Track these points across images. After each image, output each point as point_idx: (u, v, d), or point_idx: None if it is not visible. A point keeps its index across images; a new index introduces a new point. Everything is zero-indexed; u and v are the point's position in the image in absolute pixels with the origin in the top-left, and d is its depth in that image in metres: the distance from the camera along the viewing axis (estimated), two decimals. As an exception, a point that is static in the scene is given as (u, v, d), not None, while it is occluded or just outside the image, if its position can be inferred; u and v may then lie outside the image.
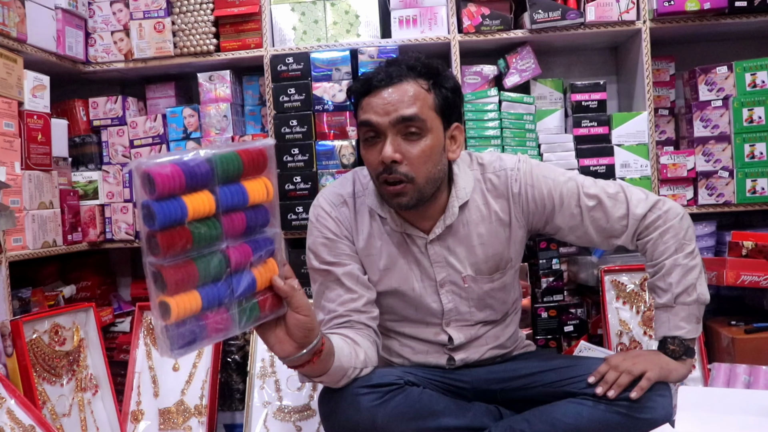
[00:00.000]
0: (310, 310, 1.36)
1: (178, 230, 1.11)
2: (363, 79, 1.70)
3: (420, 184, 1.66)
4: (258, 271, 1.27)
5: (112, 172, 2.73)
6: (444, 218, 1.77)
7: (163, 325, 1.12)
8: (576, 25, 2.59)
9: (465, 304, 1.84)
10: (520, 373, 1.81)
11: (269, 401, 2.37)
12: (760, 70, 2.57)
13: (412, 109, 1.63)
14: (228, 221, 1.20)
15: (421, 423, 1.63)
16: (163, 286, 1.11)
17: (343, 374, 1.59)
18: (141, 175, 1.07)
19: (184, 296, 1.13)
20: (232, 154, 1.19)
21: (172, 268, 1.11)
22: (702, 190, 2.60)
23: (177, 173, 1.09)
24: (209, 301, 1.17)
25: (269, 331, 1.37)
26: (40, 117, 2.32)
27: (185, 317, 1.13)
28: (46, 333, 2.15)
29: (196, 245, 1.14)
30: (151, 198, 1.08)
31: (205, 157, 1.14)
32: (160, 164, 1.09)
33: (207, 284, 1.17)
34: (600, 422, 1.64)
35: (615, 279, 2.48)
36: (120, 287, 3.05)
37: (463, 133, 1.78)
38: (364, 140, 1.70)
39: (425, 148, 1.65)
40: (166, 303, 1.11)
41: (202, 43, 2.65)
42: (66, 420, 2.13)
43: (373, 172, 1.70)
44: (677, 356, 1.74)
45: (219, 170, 1.16)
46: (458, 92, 1.74)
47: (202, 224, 1.15)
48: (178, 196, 1.11)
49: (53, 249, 2.38)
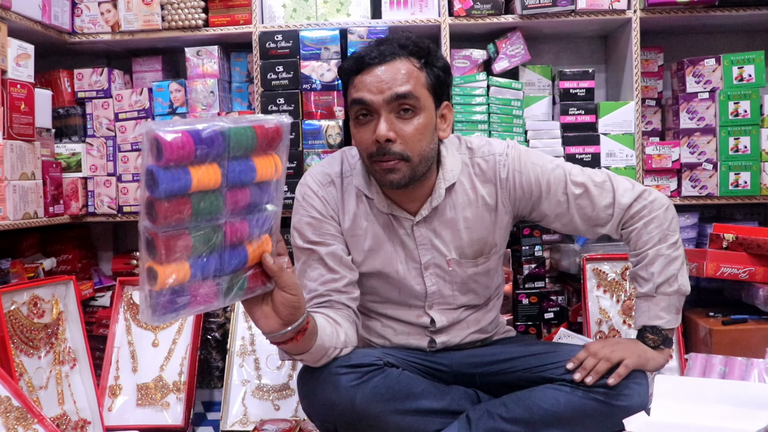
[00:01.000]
0: (297, 289, 1.36)
1: (178, 201, 1.09)
2: (354, 57, 1.69)
3: (414, 162, 1.65)
4: (252, 247, 1.25)
5: (96, 145, 2.70)
6: (431, 200, 1.77)
7: (148, 290, 1.11)
8: (567, 12, 2.59)
9: (448, 287, 1.84)
10: (500, 357, 1.82)
11: (248, 379, 2.37)
12: (747, 63, 2.58)
13: (406, 86, 1.63)
14: (232, 196, 1.17)
15: (399, 404, 1.64)
16: (155, 253, 1.10)
17: (323, 353, 1.59)
18: (150, 140, 1.05)
19: (174, 265, 1.11)
20: (247, 129, 1.17)
21: (167, 238, 1.10)
22: (686, 182, 2.61)
23: (188, 143, 1.07)
24: (198, 273, 1.15)
25: (256, 306, 1.36)
26: (23, 86, 2.29)
27: (172, 286, 1.12)
28: (25, 305, 2.14)
29: (195, 218, 1.12)
30: (157, 164, 1.05)
31: (220, 129, 1.11)
32: (173, 131, 1.06)
33: (199, 256, 1.15)
34: (577, 408, 1.66)
35: (596, 267, 2.50)
36: (101, 261, 3.03)
37: (452, 112, 1.78)
38: (355, 119, 1.69)
39: (419, 126, 1.65)
40: (154, 270, 1.10)
41: (190, 18, 2.62)
42: (43, 392, 2.12)
43: (365, 152, 1.68)
44: (655, 345, 1.76)
45: (232, 144, 1.14)
46: (448, 71, 1.74)
47: (204, 197, 1.13)
48: (185, 166, 1.08)
49: (34, 221, 2.36)
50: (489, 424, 1.67)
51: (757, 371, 1.85)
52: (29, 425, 1.86)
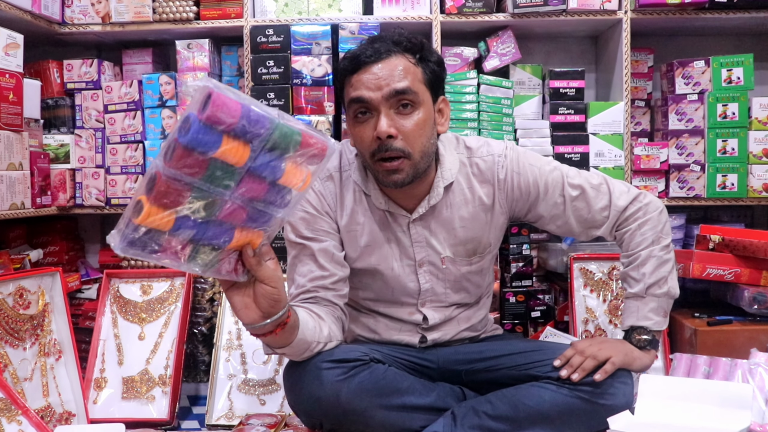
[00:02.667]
0: (278, 283, 1.36)
1: (197, 157, 1.10)
2: (349, 57, 1.69)
3: (416, 159, 1.66)
4: (240, 234, 1.25)
5: (84, 137, 2.69)
6: (429, 198, 1.77)
7: (129, 219, 1.12)
8: (558, 12, 2.59)
9: (441, 285, 1.85)
10: (486, 355, 1.83)
11: (234, 374, 2.37)
12: (736, 66, 2.59)
13: (404, 82, 1.63)
14: (248, 182, 1.17)
15: (384, 400, 1.64)
16: (151, 190, 1.10)
17: (306, 348, 1.59)
18: (204, 93, 1.07)
19: (162, 211, 1.12)
20: (294, 132, 1.17)
21: (168, 182, 1.10)
22: (673, 183, 2.62)
23: (234, 112, 1.08)
24: (178, 230, 1.16)
25: (237, 295, 1.37)
26: (12, 76, 2.28)
27: (150, 227, 1.13)
28: (11, 296, 2.13)
29: (203, 181, 1.13)
30: (198, 116, 1.07)
31: (270, 118, 1.13)
32: (228, 97, 1.08)
33: (187, 216, 1.15)
34: (561, 406, 1.66)
35: (584, 267, 2.51)
36: (88, 254, 3.02)
37: (449, 107, 1.79)
38: (353, 119, 1.69)
39: (419, 122, 1.65)
40: (142, 204, 1.11)
41: (181, 10, 2.62)
42: (27, 384, 2.11)
43: (367, 151, 1.68)
44: (642, 346, 1.77)
45: (274, 136, 1.14)
46: (443, 66, 1.75)
47: (222, 168, 1.13)
48: (221, 132, 1.09)
49: (21, 211, 2.35)
50: (474, 421, 1.67)
51: (741, 372, 1.87)
52: (13, 417, 1.85)
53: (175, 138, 1.08)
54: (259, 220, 1.25)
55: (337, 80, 1.74)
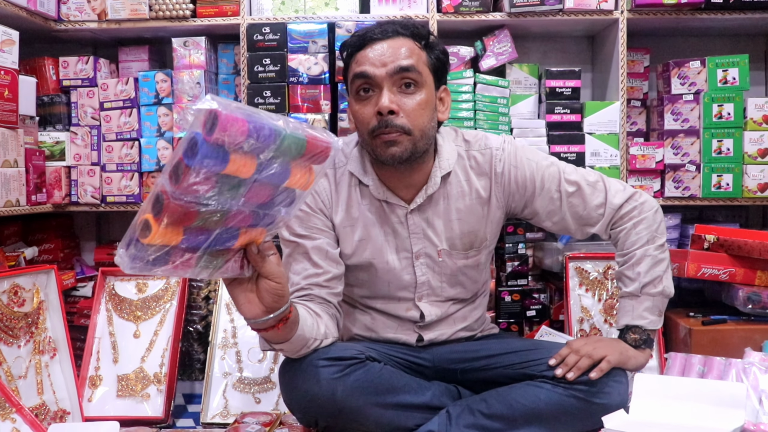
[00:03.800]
0: (282, 278, 1.35)
1: (206, 177, 1.07)
2: (357, 34, 1.72)
3: (416, 136, 1.67)
4: (243, 234, 1.25)
5: (80, 134, 2.68)
6: (426, 188, 1.78)
7: (136, 238, 1.10)
8: (554, 11, 2.60)
9: (437, 278, 1.85)
10: (481, 353, 1.83)
11: (230, 372, 2.37)
12: (731, 66, 2.60)
13: (408, 60, 1.66)
14: (254, 190, 1.16)
15: (380, 398, 1.64)
16: (159, 211, 1.08)
17: (303, 344, 1.59)
18: (209, 113, 1.03)
19: (170, 229, 1.10)
20: (301, 139, 1.16)
21: (177, 205, 1.08)
22: (669, 183, 2.63)
23: (243, 131, 1.05)
24: (187, 243, 1.15)
25: (240, 291, 1.36)
26: (7, 72, 2.27)
27: (159, 245, 1.11)
28: (5, 293, 2.12)
29: (211, 197, 1.11)
30: (204, 137, 1.03)
31: (277, 130, 1.10)
32: (234, 116, 1.04)
33: (195, 229, 1.14)
34: (556, 405, 1.67)
35: (579, 266, 2.51)
36: (84, 251, 3.01)
37: (449, 97, 1.81)
38: (356, 95, 1.71)
39: (421, 101, 1.67)
40: (150, 224, 1.09)
41: (178, 8, 2.61)
42: (22, 382, 2.11)
43: (366, 128, 1.69)
44: (637, 345, 1.78)
45: (282, 148, 1.13)
46: (447, 57, 1.79)
47: (229, 182, 1.11)
48: (228, 151, 1.07)
49: (16, 209, 2.34)
50: (469, 420, 1.67)
51: (735, 371, 1.88)
52: (7, 414, 1.85)
53: (180, 159, 1.06)
54: (263, 221, 1.26)
55: (343, 57, 1.76)
